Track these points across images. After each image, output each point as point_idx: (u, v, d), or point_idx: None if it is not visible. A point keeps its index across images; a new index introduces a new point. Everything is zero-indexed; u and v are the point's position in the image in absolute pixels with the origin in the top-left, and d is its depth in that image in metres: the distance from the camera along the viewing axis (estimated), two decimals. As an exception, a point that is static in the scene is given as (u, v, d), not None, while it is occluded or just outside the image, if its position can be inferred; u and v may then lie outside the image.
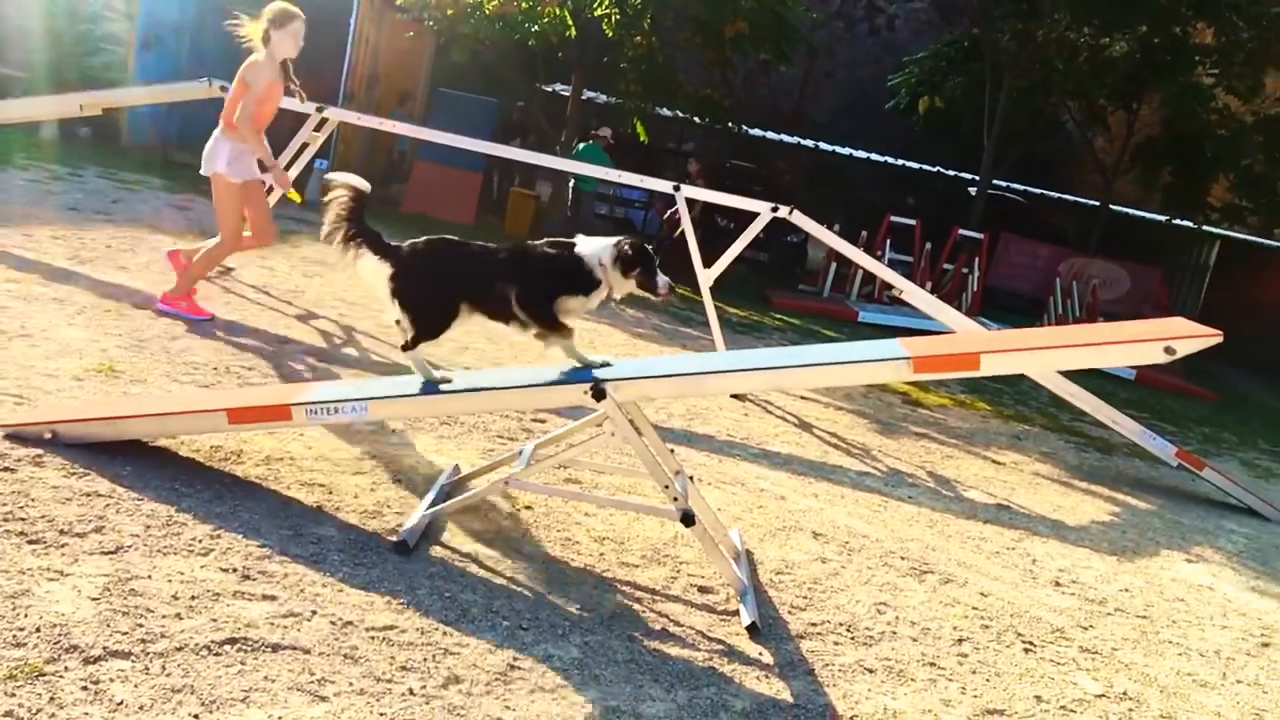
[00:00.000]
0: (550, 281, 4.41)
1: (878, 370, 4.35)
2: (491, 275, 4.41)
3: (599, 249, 4.42)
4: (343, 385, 5.08)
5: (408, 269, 4.39)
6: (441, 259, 4.45)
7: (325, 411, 4.34)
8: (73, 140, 13.53)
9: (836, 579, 4.92)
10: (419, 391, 4.46)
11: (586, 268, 4.39)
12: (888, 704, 3.83)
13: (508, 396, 4.54)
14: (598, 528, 4.86)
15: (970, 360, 4.17)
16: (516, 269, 4.41)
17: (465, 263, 4.45)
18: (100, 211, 9.79)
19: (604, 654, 3.73)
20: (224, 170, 6.81)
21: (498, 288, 4.39)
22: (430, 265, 4.43)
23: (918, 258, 17.06)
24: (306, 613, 3.54)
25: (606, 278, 4.41)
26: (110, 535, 3.74)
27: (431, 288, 4.42)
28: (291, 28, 6.76)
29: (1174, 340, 3.89)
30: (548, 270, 4.41)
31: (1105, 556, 6.16)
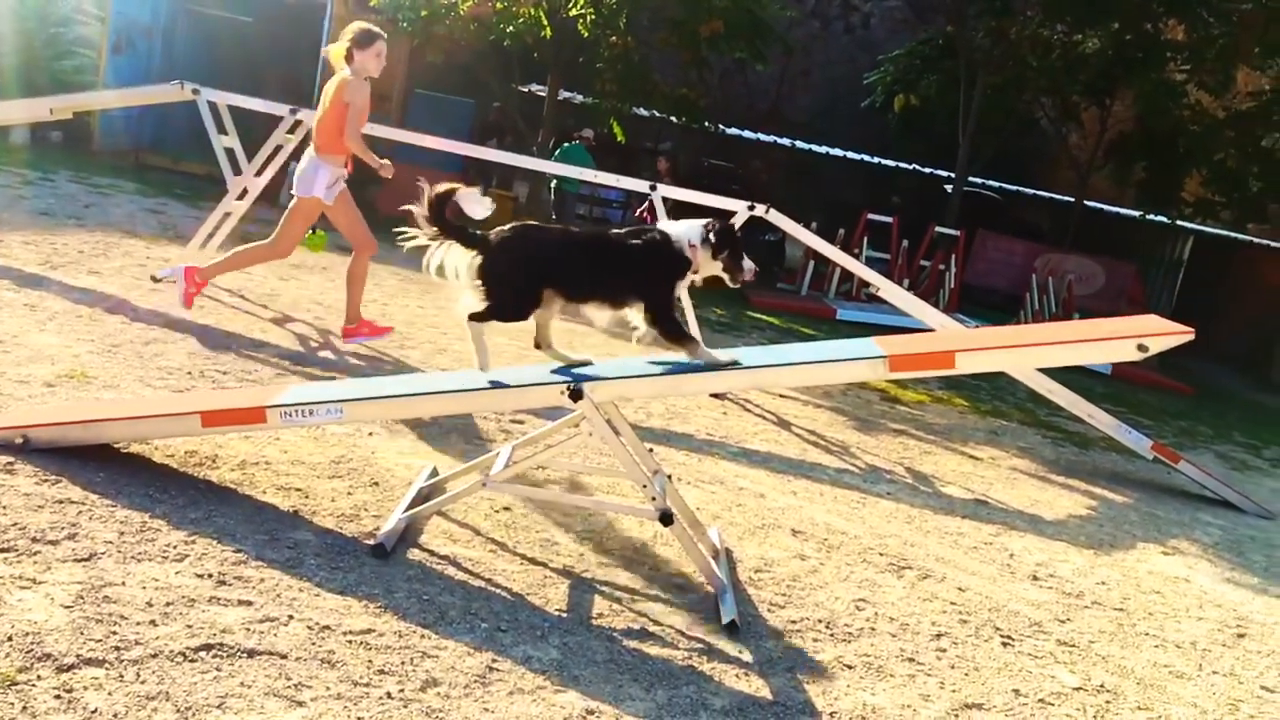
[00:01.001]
0: (643, 263, 4.36)
1: (854, 369, 4.37)
2: (578, 261, 4.38)
3: (688, 229, 4.39)
4: (318, 387, 5.04)
5: (494, 255, 4.32)
6: (527, 244, 4.40)
7: (300, 414, 4.31)
8: (44, 144, 13.43)
9: (815, 576, 4.92)
10: (393, 394, 4.45)
11: (676, 247, 4.36)
12: (867, 700, 3.84)
13: (484, 398, 4.52)
14: (577, 528, 4.85)
15: (945, 359, 4.20)
16: (605, 254, 4.40)
17: (550, 248, 4.42)
18: (72, 216, 9.71)
19: (583, 654, 3.72)
20: (321, 195, 6.86)
21: (585, 273, 4.36)
22: (516, 250, 4.36)
23: (895, 255, 17.11)
24: (283, 617, 3.51)
25: (696, 258, 4.37)
26: (83, 542, 3.71)
27: (515, 272, 4.34)
28: (375, 47, 6.82)
29: (1147, 337, 3.94)
30: (639, 253, 4.37)
31: (1082, 550, 6.19)
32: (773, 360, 4.46)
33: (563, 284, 4.38)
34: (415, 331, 8.16)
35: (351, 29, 6.84)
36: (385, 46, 6.89)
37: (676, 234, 4.39)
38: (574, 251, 4.44)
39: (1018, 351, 4.37)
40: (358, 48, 6.75)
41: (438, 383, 4.72)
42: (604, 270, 4.39)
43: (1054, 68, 19.01)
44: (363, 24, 6.88)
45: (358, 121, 6.74)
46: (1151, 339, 3.95)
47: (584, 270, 4.39)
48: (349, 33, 6.82)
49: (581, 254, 4.44)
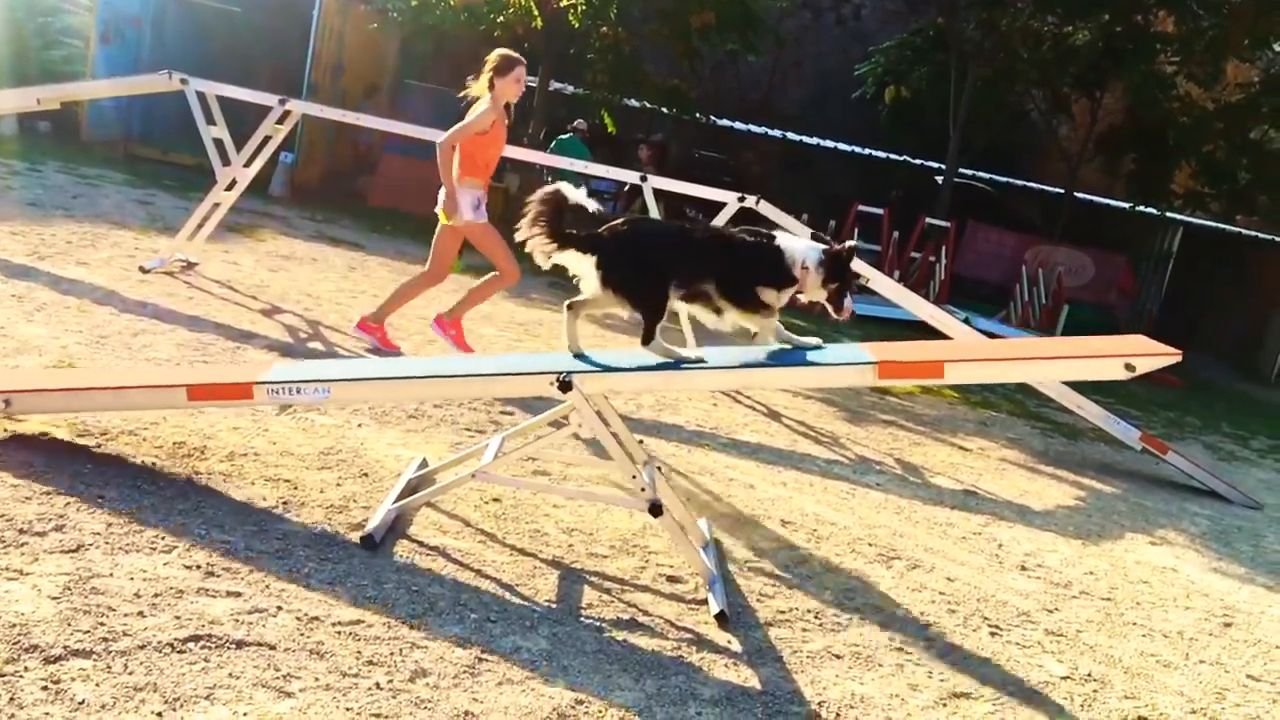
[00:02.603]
0: (749, 270, 4.34)
1: (843, 374, 4.40)
2: (692, 257, 4.36)
3: (805, 250, 4.35)
4: (306, 366, 5.01)
5: (610, 254, 4.28)
6: (642, 238, 4.39)
7: (288, 391, 4.26)
8: (32, 135, 13.37)
9: (805, 566, 4.93)
10: (381, 375, 4.43)
11: (786, 263, 4.32)
12: (855, 689, 3.85)
13: (473, 384, 4.50)
14: (566, 519, 4.85)
15: (935, 368, 4.23)
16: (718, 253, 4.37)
17: (666, 241, 4.42)
18: (60, 207, 9.68)
19: (573, 644, 3.73)
20: (470, 218, 6.86)
21: (697, 271, 4.33)
22: (633, 246, 4.33)
23: (885, 246, 17.12)
24: (271, 609, 3.51)
25: (804, 279, 4.33)
26: (71, 533, 3.70)
27: (638, 268, 4.32)
28: (514, 73, 6.88)
29: (1134, 357, 3.99)
30: (748, 258, 4.36)
31: (1070, 540, 6.21)
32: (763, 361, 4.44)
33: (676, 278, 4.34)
34: (405, 324, 8.15)
35: (493, 57, 6.93)
36: (524, 71, 6.91)
37: (790, 251, 4.35)
38: (690, 247, 4.40)
39: (1006, 365, 4.41)
40: (498, 75, 6.83)
41: (426, 367, 4.70)
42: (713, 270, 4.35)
43: (1044, 60, 19.01)
44: (503, 51, 6.94)
45: (464, 133, 6.74)
46: (1139, 359, 4.00)
47: (697, 267, 4.35)
48: (492, 60, 6.90)
49: (697, 250, 4.40)
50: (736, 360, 4.43)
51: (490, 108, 6.80)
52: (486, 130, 6.79)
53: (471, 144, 6.79)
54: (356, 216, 13.63)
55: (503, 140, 7.08)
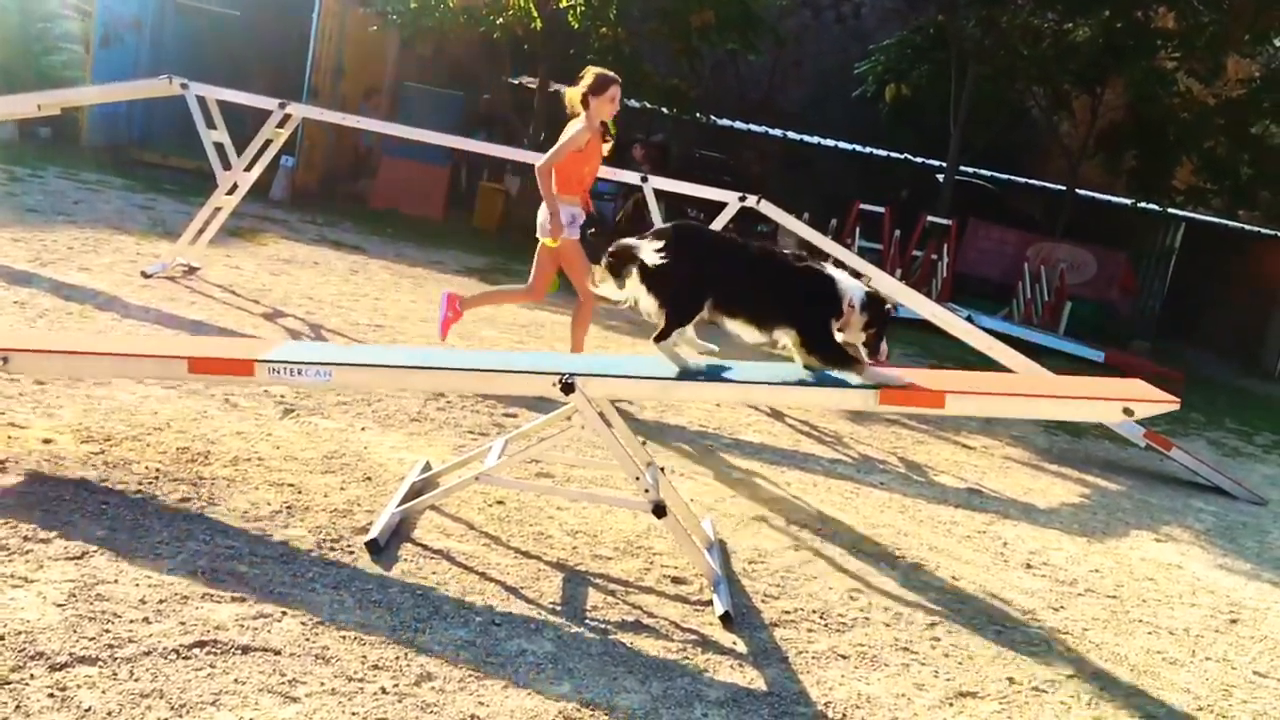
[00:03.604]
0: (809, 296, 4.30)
1: (845, 397, 4.39)
2: (738, 272, 4.33)
3: (854, 288, 4.30)
4: (310, 347, 4.97)
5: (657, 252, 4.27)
6: (686, 241, 4.35)
7: (289, 371, 4.19)
8: (32, 141, 13.37)
9: (809, 566, 4.93)
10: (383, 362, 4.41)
11: (837, 295, 4.27)
12: (861, 689, 3.85)
13: (476, 378, 4.47)
14: (570, 521, 4.85)
15: (936, 398, 4.24)
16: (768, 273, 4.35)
17: (711, 249, 4.39)
18: (61, 213, 9.68)
19: (578, 647, 3.72)
20: (566, 234, 6.82)
21: (743, 286, 4.31)
22: (675, 246, 4.30)
23: (887, 245, 17.10)
24: (276, 614, 3.51)
25: (848, 316, 4.29)
26: (75, 540, 3.70)
27: (678, 269, 4.27)
28: (609, 92, 6.80)
29: (1134, 402, 4.11)
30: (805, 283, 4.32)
31: (1075, 538, 6.20)
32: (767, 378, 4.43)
33: (720, 291, 4.32)
34: (408, 326, 8.15)
35: (589, 74, 6.87)
36: (619, 90, 6.89)
37: (842, 285, 4.30)
38: (737, 259, 4.38)
39: (1007, 400, 4.45)
40: (593, 93, 6.78)
41: (430, 358, 4.67)
42: (763, 289, 4.33)
43: (1045, 57, 18.97)
44: (599, 70, 6.88)
45: (560, 154, 6.73)
46: (1137, 404, 4.11)
47: (743, 283, 4.33)
48: (586, 77, 6.85)
49: (745, 265, 4.37)
50: (741, 374, 4.42)
51: (585, 126, 6.78)
52: (582, 148, 6.78)
53: (567, 161, 6.79)
54: (357, 219, 13.63)
55: (599, 157, 7.04)
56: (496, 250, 13.59)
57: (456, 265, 11.75)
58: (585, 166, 6.91)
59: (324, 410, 5.66)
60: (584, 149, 6.78)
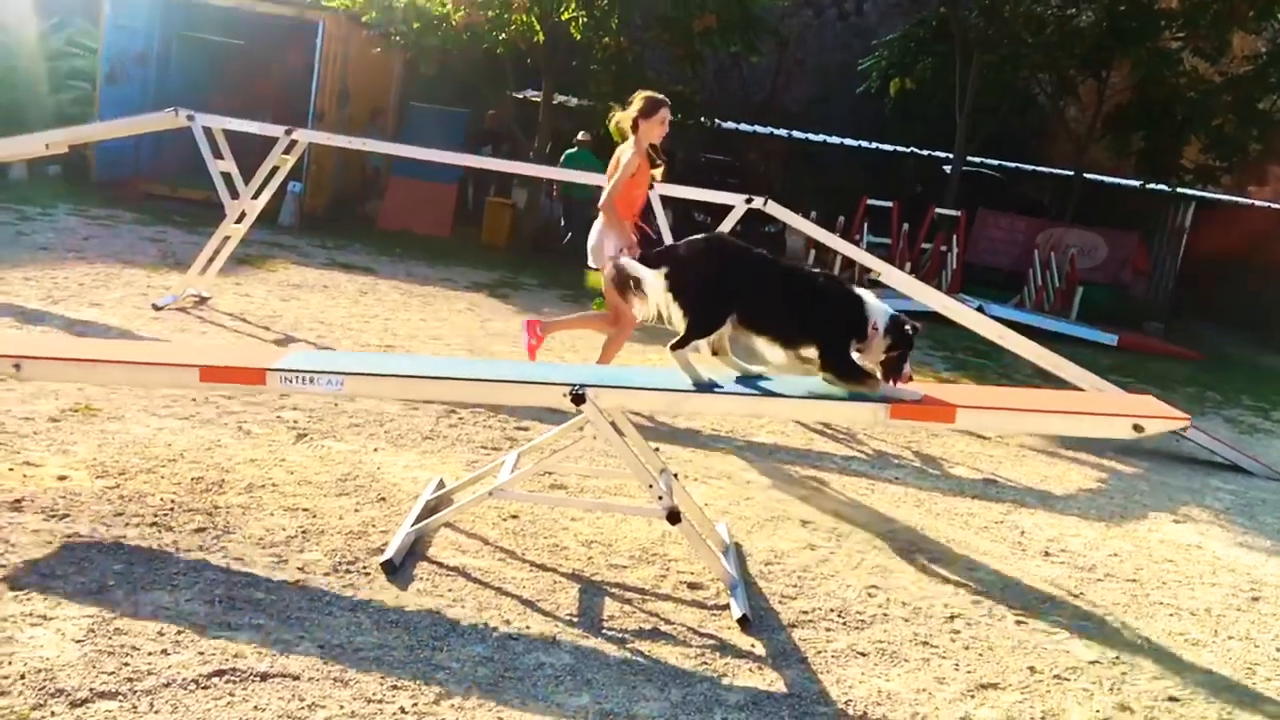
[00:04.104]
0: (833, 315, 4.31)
1: (856, 411, 4.39)
2: (766, 287, 4.34)
3: (880, 311, 4.28)
4: (322, 356, 4.97)
5: (680, 264, 4.30)
6: (713, 253, 4.39)
7: (301, 380, 4.20)
8: (42, 179, 13.49)
9: (826, 565, 4.93)
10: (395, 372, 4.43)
11: (863, 316, 4.26)
12: (882, 686, 3.85)
13: (487, 388, 4.46)
14: (585, 532, 4.86)
15: (947, 413, 4.26)
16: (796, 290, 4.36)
17: (738, 262, 4.37)
18: (72, 250, 9.77)
19: (596, 658, 3.74)
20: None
21: (770, 302, 4.32)
22: (703, 258, 4.35)
23: (895, 239, 17.06)
24: (294, 638, 3.54)
25: (871, 339, 4.27)
26: (93, 575, 3.74)
27: (705, 279, 4.31)
28: (659, 115, 6.81)
29: (1144, 418, 4.14)
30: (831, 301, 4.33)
31: (1093, 523, 6.18)
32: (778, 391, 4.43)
33: (747, 306, 4.32)
34: (418, 345, 8.19)
35: (638, 98, 6.88)
36: (669, 113, 6.91)
37: (869, 306, 4.30)
38: (765, 274, 4.38)
39: (1017, 416, 4.46)
40: (643, 117, 6.79)
41: (441, 367, 4.68)
42: (790, 305, 4.34)
43: (1049, 43, 18.92)
44: (648, 94, 6.90)
45: (621, 185, 6.77)
46: (1148, 420, 4.14)
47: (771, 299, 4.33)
48: (636, 101, 6.86)
49: (773, 281, 4.38)
50: (749, 389, 4.42)
51: (636, 151, 6.81)
52: (634, 174, 6.81)
53: (622, 186, 6.82)
54: (366, 241, 13.69)
55: (647, 180, 7.06)
56: (505, 264, 13.64)
57: (466, 282, 11.79)
58: (636, 190, 6.93)
59: (337, 433, 5.69)
60: (636, 174, 6.81)
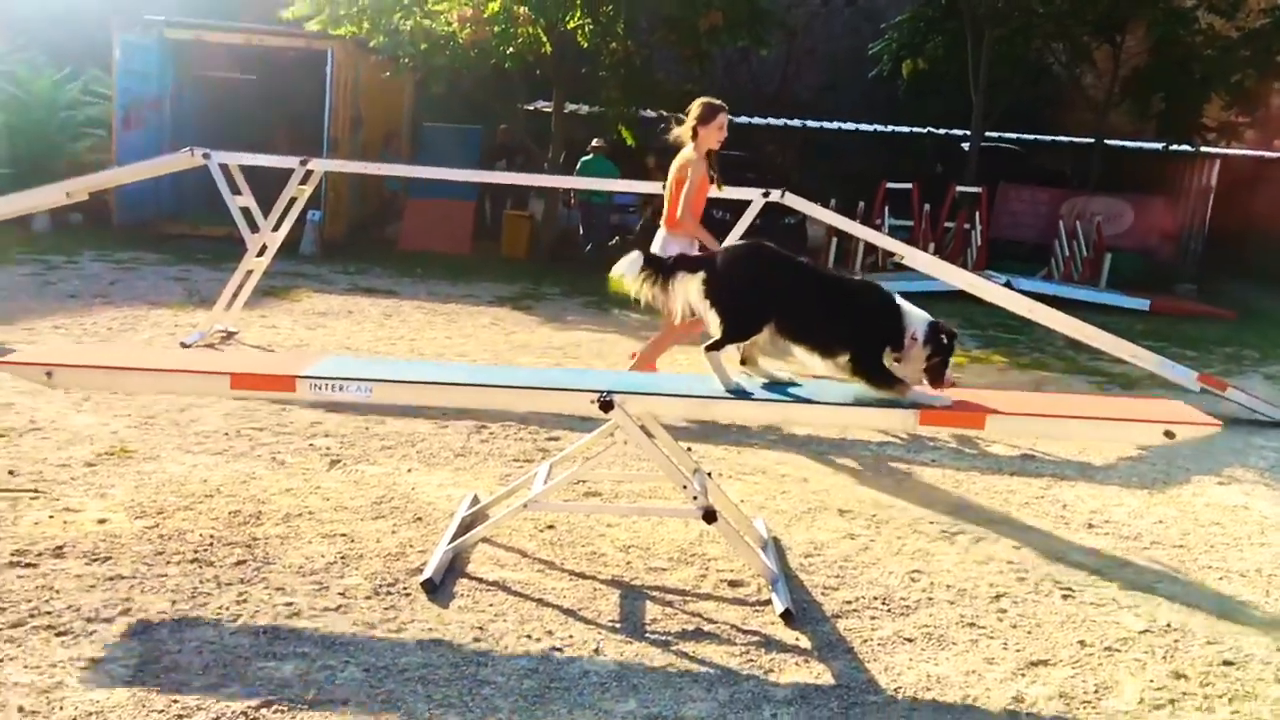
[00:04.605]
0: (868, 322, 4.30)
1: (885, 417, 4.36)
2: (805, 295, 4.34)
3: (918, 321, 4.28)
4: (351, 363, 4.95)
5: (718, 271, 4.31)
6: (751, 260, 4.40)
7: (330, 388, 4.22)
8: (65, 228, 13.65)
9: (867, 553, 4.90)
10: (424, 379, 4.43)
11: (900, 326, 4.26)
12: (930, 670, 3.82)
13: (515, 395, 4.45)
14: (622, 537, 4.86)
15: (977, 419, 4.24)
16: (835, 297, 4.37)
17: (776, 269, 4.38)
18: (99, 295, 9.87)
19: (640, 662, 3.73)
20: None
21: (806, 309, 4.32)
22: (741, 264, 4.37)
23: (918, 220, 16.96)
24: (339, 664, 3.55)
25: (909, 350, 4.26)
26: (137, 616, 3.77)
27: (741, 285, 4.32)
28: (717, 121, 6.84)
29: (1174, 425, 4.13)
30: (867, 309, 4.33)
31: (1136, 492, 6.12)
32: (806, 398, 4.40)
33: (785, 314, 4.31)
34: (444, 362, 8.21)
35: (696, 105, 6.90)
36: (727, 117, 6.92)
37: (907, 314, 4.29)
38: (802, 282, 4.39)
39: (1047, 420, 4.44)
40: (701, 124, 6.82)
41: (470, 374, 4.66)
42: (828, 313, 4.33)
43: (1060, 11, 18.76)
44: (705, 100, 6.92)
45: (692, 200, 6.80)
46: (1179, 426, 4.13)
47: (809, 307, 4.33)
48: (694, 109, 6.89)
49: (811, 289, 4.38)
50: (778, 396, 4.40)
51: (699, 159, 6.82)
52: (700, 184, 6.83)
53: (678, 197, 6.84)
54: (387, 264, 13.76)
55: (708, 187, 7.06)
56: (526, 276, 13.66)
57: (489, 296, 11.83)
58: (699, 196, 6.92)
59: (369, 457, 5.72)
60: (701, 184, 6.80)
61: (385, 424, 6.33)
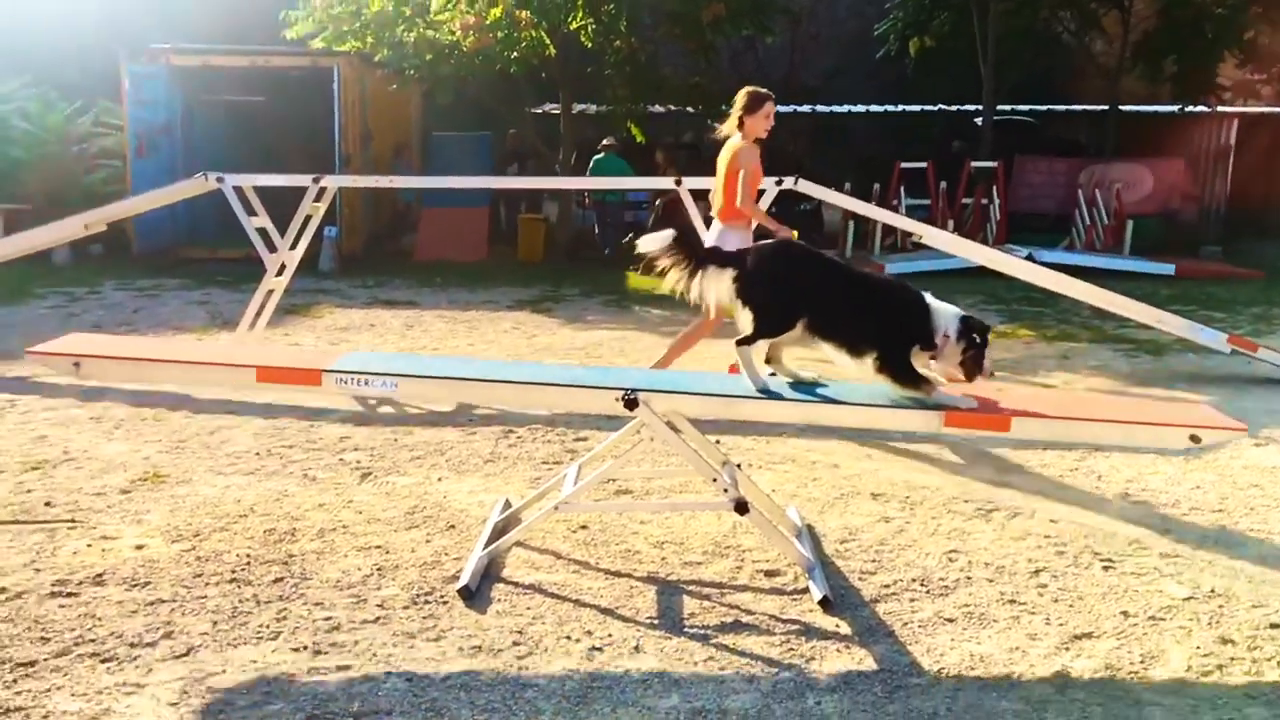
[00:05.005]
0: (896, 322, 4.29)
1: (910, 419, 4.32)
2: (835, 294, 4.34)
3: (949, 318, 4.25)
4: (376, 358, 4.96)
5: (750, 269, 4.31)
6: (782, 257, 4.42)
7: (356, 382, 4.27)
8: (86, 259, 13.77)
9: (902, 535, 4.87)
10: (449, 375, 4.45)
11: (932, 326, 4.24)
12: (973, 650, 3.80)
13: (540, 391, 4.48)
14: (655, 533, 4.85)
15: (1002, 422, 4.23)
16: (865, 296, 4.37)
17: (809, 268, 4.39)
18: (123, 323, 9.95)
19: (681, 657, 3.72)
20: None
21: (838, 307, 4.32)
22: (774, 262, 4.38)
23: (935, 199, 16.88)
24: (381, 676, 3.56)
25: (943, 347, 4.24)
26: (180, 638, 3.79)
27: (775, 284, 4.33)
28: (763, 109, 6.85)
29: (1200, 429, 4.12)
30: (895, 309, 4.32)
31: (1171, 458, 6.05)
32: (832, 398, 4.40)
33: (816, 312, 4.30)
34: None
35: (741, 95, 6.91)
36: (773, 106, 6.91)
37: (936, 312, 4.26)
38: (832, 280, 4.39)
39: (1073, 424, 4.39)
40: (747, 113, 6.83)
41: (494, 370, 4.65)
42: (858, 312, 4.33)
43: (1067, -22, 18.67)
44: (751, 89, 6.93)
45: (750, 186, 6.81)
46: (1204, 430, 4.11)
47: (840, 305, 4.32)
48: (739, 99, 6.90)
49: (842, 288, 4.38)
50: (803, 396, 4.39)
51: (749, 148, 6.81)
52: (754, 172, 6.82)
53: (733, 186, 6.83)
54: (406, 275, 13.82)
55: (761, 174, 7.05)
56: (544, 279, 13.68)
57: (508, 301, 11.85)
58: (753, 182, 6.90)
59: (399, 468, 5.73)
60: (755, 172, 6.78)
61: (413, 434, 6.35)
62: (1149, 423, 4.32)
